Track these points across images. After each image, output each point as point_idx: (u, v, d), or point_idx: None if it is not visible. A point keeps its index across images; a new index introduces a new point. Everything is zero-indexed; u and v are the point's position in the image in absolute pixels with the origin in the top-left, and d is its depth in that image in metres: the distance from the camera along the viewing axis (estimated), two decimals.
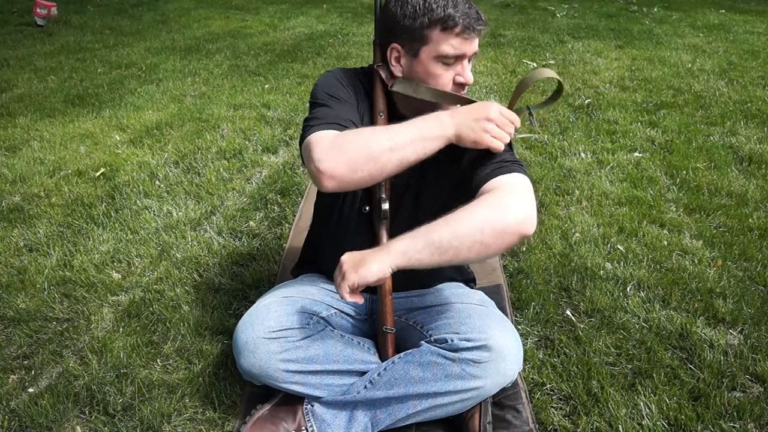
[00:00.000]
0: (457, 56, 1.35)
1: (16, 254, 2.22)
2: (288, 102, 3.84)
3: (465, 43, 1.34)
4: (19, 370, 1.69)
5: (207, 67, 4.66)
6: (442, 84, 1.37)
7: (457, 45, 1.34)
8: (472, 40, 1.35)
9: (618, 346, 1.78)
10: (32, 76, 4.38)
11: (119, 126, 3.43)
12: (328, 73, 1.49)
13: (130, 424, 1.50)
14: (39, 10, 5.83)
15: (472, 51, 1.36)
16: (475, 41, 1.36)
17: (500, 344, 1.34)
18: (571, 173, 2.89)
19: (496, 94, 4.06)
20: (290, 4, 7.24)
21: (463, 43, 1.34)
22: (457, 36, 1.33)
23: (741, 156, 3.12)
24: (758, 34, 6.10)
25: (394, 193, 1.47)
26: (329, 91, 1.41)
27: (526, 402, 1.55)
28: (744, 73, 4.65)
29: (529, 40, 5.61)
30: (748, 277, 2.12)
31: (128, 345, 1.75)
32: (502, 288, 2.00)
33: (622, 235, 2.38)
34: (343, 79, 1.46)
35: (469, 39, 1.34)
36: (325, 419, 1.43)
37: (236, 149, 3.11)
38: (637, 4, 7.65)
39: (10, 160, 2.97)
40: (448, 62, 1.36)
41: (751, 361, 1.72)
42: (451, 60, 1.35)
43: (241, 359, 1.39)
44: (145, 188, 2.68)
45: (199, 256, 2.21)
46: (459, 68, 1.37)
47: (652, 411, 1.54)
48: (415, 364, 1.38)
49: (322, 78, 1.47)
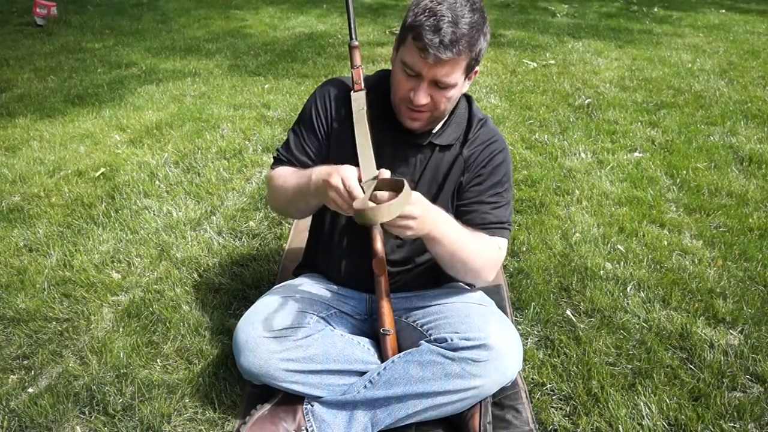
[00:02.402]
0: (414, 71, 1.29)
1: (16, 254, 2.22)
2: (288, 102, 3.84)
3: (423, 64, 1.26)
4: (19, 370, 1.69)
5: (207, 67, 4.66)
6: (400, 92, 1.34)
7: (414, 59, 1.27)
8: (432, 66, 1.26)
9: (618, 346, 1.78)
10: (32, 76, 4.38)
11: (119, 126, 3.43)
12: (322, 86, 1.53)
13: (130, 424, 1.50)
14: (39, 10, 5.83)
15: (430, 75, 1.28)
16: (437, 69, 1.26)
17: (500, 343, 1.35)
18: (571, 173, 2.89)
19: (496, 94, 4.06)
20: (290, 4, 7.24)
21: (420, 63, 1.26)
22: (419, 52, 1.26)
23: (741, 156, 3.12)
24: (758, 34, 6.10)
25: None
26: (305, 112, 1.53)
27: (526, 402, 1.55)
28: (744, 73, 4.65)
29: (529, 40, 5.61)
30: (748, 277, 2.12)
31: (128, 345, 1.75)
32: (502, 288, 2.00)
33: (622, 235, 2.38)
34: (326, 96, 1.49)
35: (428, 63, 1.25)
36: (325, 419, 1.43)
37: (236, 149, 3.11)
38: (637, 4, 7.65)
39: (10, 160, 2.97)
40: (409, 72, 1.30)
41: (751, 361, 1.72)
42: (411, 72, 1.30)
43: (241, 358, 1.39)
44: (145, 188, 2.68)
45: (199, 256, 2.20)
46: (416, 85, 1.30)
47: (652, 411, 1.54)
48: (414, 364, 1.38)
49: (316, 91, 1.54)
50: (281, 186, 1.47)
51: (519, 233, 2.37)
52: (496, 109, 3.75)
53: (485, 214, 1.48)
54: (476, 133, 1.50)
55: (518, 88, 4.22)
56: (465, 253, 1.39)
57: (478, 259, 1.43)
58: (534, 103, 3.89)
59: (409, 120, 1.39)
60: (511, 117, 3.63)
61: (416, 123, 1.39)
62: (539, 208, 2.57)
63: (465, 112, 1.51)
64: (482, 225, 1.47)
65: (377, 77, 1.52)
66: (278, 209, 1.59)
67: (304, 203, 1.43)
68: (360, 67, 1.43)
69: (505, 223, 1.50)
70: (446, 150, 1.49)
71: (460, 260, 1.40)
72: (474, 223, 1.47)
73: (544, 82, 4.35)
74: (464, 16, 1.25)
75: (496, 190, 1.50)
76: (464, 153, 1.49)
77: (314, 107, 1.51)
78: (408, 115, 1.37)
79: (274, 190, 1.51)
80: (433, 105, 1.34)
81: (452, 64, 1.27)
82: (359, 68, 1.43)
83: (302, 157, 1.51)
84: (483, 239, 1.45)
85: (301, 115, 1.55)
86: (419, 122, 1.39)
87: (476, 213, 1.48)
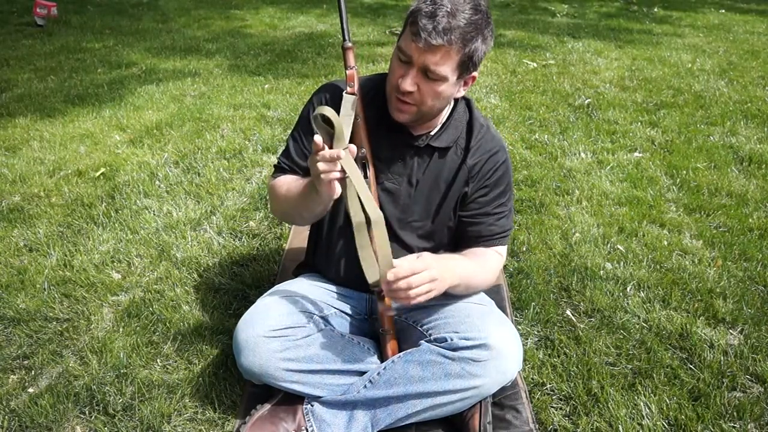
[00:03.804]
0: (405, 55, 1.30)
1: (16, 254, 2.22)
2: (288, 102, 3.84)
3: (414, 48, 1.27)
4: (19, 370, 1.69)
5: (207, 67, 4.66)
6: (392, 79, 1.34)
7: (408, 44, 1.28)
8: (423, 51, 1.26)
9: (618, 346, 1.78)
10: (32, 76, 4.38)
11: (119, 126, 3.43)
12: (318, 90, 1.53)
13: (130, 424, 1.50)
14: (39, 10, 5.83)
15: (420, 61, 1.28)
16: (427, 55, 1.26)
17: (499, 343, 1.35)
18: (571, 173, 2.89)
19: (496, 94, 4.06)
20: (290, 4, 7.24)
21: (412, 47, 1.27)
22: (412, 37, 1.27)
23: (741, 156, 3.12)
24: (758, 34, 6.11)
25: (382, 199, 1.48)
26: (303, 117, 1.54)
27: (526, 402, 1.55)
28: (744, 73, 4.65)
29: (529, 40, 5.61)
30: (748, 277, 2.12)
31: (128, 345, 1.75)
32: (502, 288, 2.00)
33: (622, 235, 2.38)
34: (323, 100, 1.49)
35: (419, 47, 1.26)
36: (324, 419, 1.43)
37: (236, 149, 3.11)
38: (637, 4, 7.66)
39: (10, 160, 2.97)
40: (402, 58, 1.31)
41: (751, 361, 1.72)
42: (404, 57, 1.30)
43: (241, 358, 1.39)
44: (145, 188, 2.68)
45: (199, 256, 2.21)
46: (406, 72, 1.30)
47: (652, 411, 1.54)
48: (414, 363, 1.38)
49: (313, 95, 1.54)
50: (284, 195, 1.47)
51: (519, 233, 2.37)
52: (496, 109, 3.75)
53: (491, 226, 1.52)
54: (479, 141, 1.49)
55: (518, 88, 4.22)
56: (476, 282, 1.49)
57: (486, 282, 1.54)
58: (534, 103, 3.89)
59: (396, 111, 1.37)
60: (511, 117, 3.63)
61: (402, 115, 1.37)
62: (539, 208, 2.57)
63: (464, 115, 1.51)
64: (489, 237, 1.52)
65: (378, 78, 1.52)
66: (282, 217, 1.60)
67: (308, 210, 1.43)
68: (354, 68, 1.42)
69: (508, 230, 1.56)
70: (445, 155, 1.49)
71: (473, 288, 1.51)
72: (481, 236, 1.51)
73: (544, 82, 4.35)
74: (464, 11, 1.26)
75: (500, 201, 1.52)
76: (468, 162, 1.48)
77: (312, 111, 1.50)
78: (396, 106, 1.37)
79: (277, 198, 1.51)
80: (420, 98, 1.33)
81: (443, 54, 1.26)
82: (353, 69, 1.42)
83: (303, 162, 1.51)
84: (486, 258, 1.51)
85: (299, 120, 1.55)
86: (405, 115, 1.37)
87: (483, 225, 1.51)
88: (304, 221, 1.56)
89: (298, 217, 1.54)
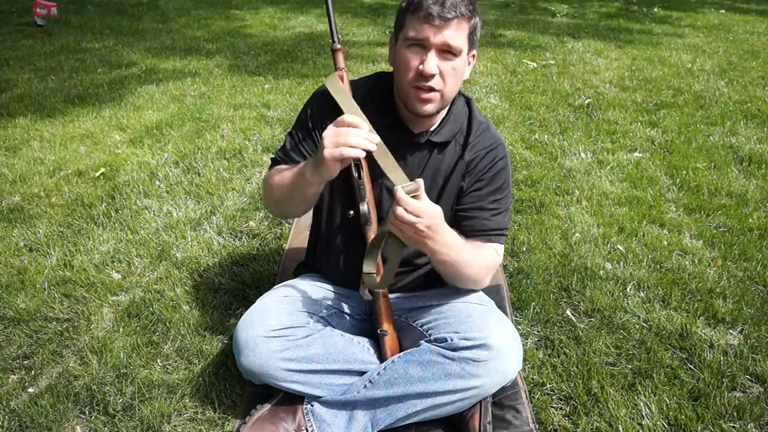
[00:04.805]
0: (420, 42, 1.30)
1: (16, 254, 2.22)
2: (288, 102, 3.84)
3: (429, 29, 1.29)
4: (19, 370, 1.69)
5: (207, 67, 4.66)
6: (409, 72, 1.33)
7: (419, 29, 1.29)
8: (439, 29, 1.29)
9: (618, 346, 1.78)
10: (32, 76, 4.38)
11: (119, 126, 3.43)
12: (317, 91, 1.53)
13: (130, 424, 1.50)
14: (39, 10, 5.83)
15: (437, 40, 1.29)
16: (444, 31, 1.29)
17: (499, 343, 1.35)
18: (571, 173, 2.89)
19: (496, 94, 4.06)
20: (290, 4, 7.24)
21: (426, 29, 1.29)
22: (422, 21, 1.28)
23: (741, 156, 3.12)
24: (758, 34, 6.11)
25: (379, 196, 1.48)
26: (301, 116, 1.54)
27: (526, 402, 1.55)
28: (744, 73, 4.65)
29: (529, 41, 5.61)
30: (748, 277, 2.12)
31: (128, 345, 1.75)
32: (502, 288, 2.00)
33: (622, 235, 2.38)
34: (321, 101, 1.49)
35: (433, 26, 1.28)
36: (324, 419, 1.43)
37: (236, 149, 3.11)
38: (637, 4, 7.66)
39: (10, 160, 2.97)
40: (414, 49, 1.32)
41: (751, 361, 1.72)
42: (416, 46, 1.31)
43: (241, 358, 1.39)
44: (145, 188, 2.68)
45: (199, 256, 2.21)
46: (423, 56, 1.31)
47: (652, 411, 1.54)
48: (414, 364, 1.38)
49: (311, 96, 1.54)
50: (277, 182, 1.47)
51: (519, 233, 2.38)
52: (496, 109, 3.75)
53: (485, 221, 1.49)
54: (477, 137, 1.50)
55: (518, 88, 4.22)
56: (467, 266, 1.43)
57: (480, 271, 1.48)
58: (534, 103, 3.89)
59: (420, 103, 1.36)
60: (511, 117, 3.63)
61: (429, 105, 1.37)
62: (539, 208, 2.57)
63: (464, 111, 1.51)
64: (482, 231, 1.49)
65: (375, 77, 1.52)
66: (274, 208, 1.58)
67: (301, 193, 1.41)
68: (343, 69, 1.43)
69: (504, 229, 1.53)
70: (444, 150, 1.49)
71: (461, 273, 1.43)
72: (474, 230, 1.48)
73: (544, 82, 4.35)
74: None
75: (496, 197, 1.50)
76: (466, 157, 1.48)
77: (310, 112, 1.52)
78: (418, 97, 1.35)
79: (270, 187, 1.51)
80: (441, 80, 1.33)
81: (456, 26, 1.30)
82: (342, 71, 1.43)
83: (298, 157, 1.51)
84: (482, 249, 1.47)
85: (298, 120, 1.56)
86: (432, 104, 1.37)
87: (476, 219, 1.49)
88: (295, 207, 1.51)
89: (290, 203, 1.49)
